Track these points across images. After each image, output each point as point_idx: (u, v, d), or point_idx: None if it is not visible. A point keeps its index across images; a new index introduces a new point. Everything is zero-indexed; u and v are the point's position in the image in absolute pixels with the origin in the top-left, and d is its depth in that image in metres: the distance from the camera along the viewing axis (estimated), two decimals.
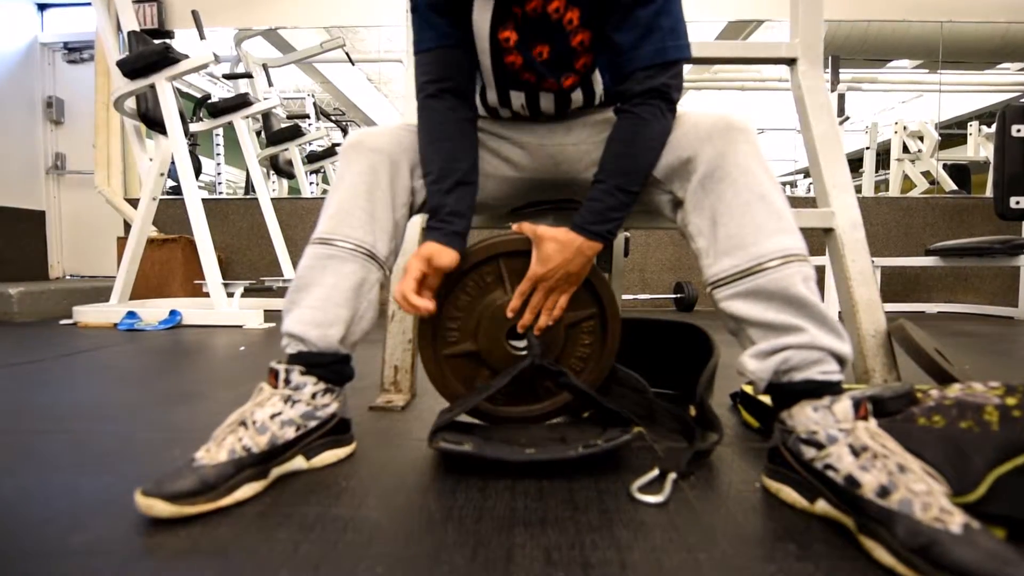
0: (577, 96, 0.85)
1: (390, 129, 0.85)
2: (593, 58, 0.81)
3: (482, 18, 0.78)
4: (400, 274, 1.15)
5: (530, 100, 0.86)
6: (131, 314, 2.40)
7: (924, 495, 0.51)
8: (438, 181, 0.81)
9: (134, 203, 2.89)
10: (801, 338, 0.66)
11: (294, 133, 3.94)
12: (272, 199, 3.34)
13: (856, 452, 0.58)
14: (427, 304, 0.77)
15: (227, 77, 3.67)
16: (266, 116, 3.88)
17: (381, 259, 0.81)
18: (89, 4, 2.56)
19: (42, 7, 3.91)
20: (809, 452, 0.62)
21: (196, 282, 2.89)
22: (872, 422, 0.61)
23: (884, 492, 0.53)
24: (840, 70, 4.04)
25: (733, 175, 0.71)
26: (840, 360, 0.67)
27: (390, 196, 0.81)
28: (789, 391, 0.67)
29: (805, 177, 5.90)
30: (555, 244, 0.77)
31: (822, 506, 0.60)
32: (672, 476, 0.69)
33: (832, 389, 0.65)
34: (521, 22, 0.78)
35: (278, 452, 0.70)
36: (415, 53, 0.84)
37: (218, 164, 4.26)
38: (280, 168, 4.23)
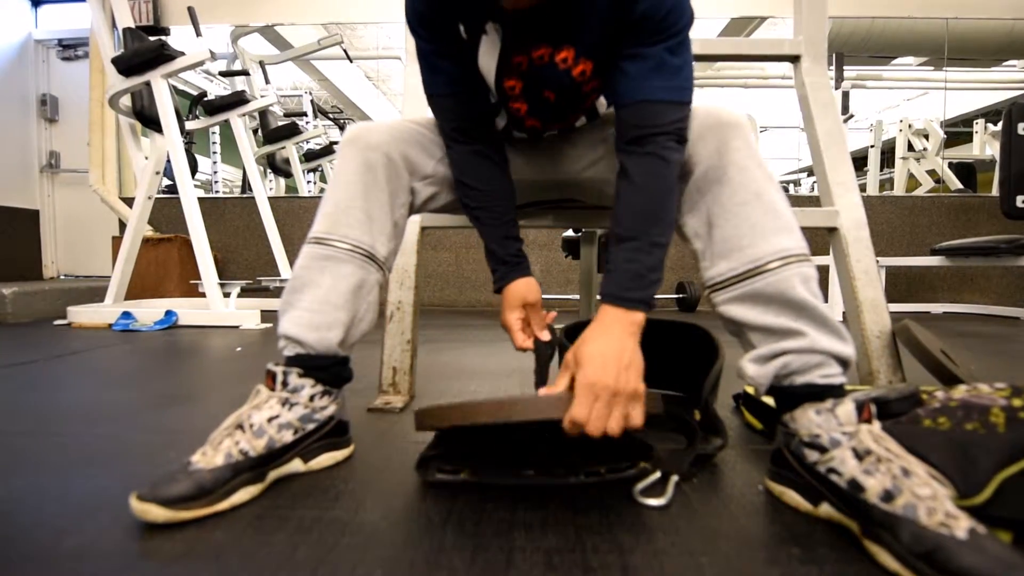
0: (581, 121, 0.86)
1: (390, 124, 0.83)
2: (599, 92, 0.80)
3: (488, 64, 0.77)
4: (401, 279, 1.16)
5: (534, 135, 0.88)
6: (126, 314, 2.40)
7: (929, 499, 0.51)
8: (494, 228, 0.83)
9: (129, 202, 2.89)
10: (801, 342, 0.65)
11: (291, 131, 3.94)
12: (269, 198, 3.35)
13: (859, 456, 0.58)
14: (529, 343, 0.83)
15: (223, 74, 3.68)
16: (263, 114, 3.89)
17: (380, 260, 0.81)
18: (84, 0, 2.56)
19: (36, 3, 3.91)
20: (812, 455, 0.62)
21: (192, 282, 2.89)
22: (876, 425, 0.61)
23: (888, 496, 0.53)
24: (844, 67, 4.04)
25: (729, 174, 0.70)
26: (842, 362, 0.67)
27: (388, 196, 0.80)
28: (791, 394, 0.67)
29: (809, 176, 5.90)
30: (592, 344, 0.62)
31: (826, 509, 0.60)
32: (674, 478, 0.69)
33: (834, 392, 0.65)
34: (527, 70, 0.76)
35: (276, 456, 0.70)
36: (427, 96, 0.83)
37: (214, 163, 4.26)
38: (277, 167, 4.24)
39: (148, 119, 2.57)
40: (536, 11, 0.68)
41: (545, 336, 0.83)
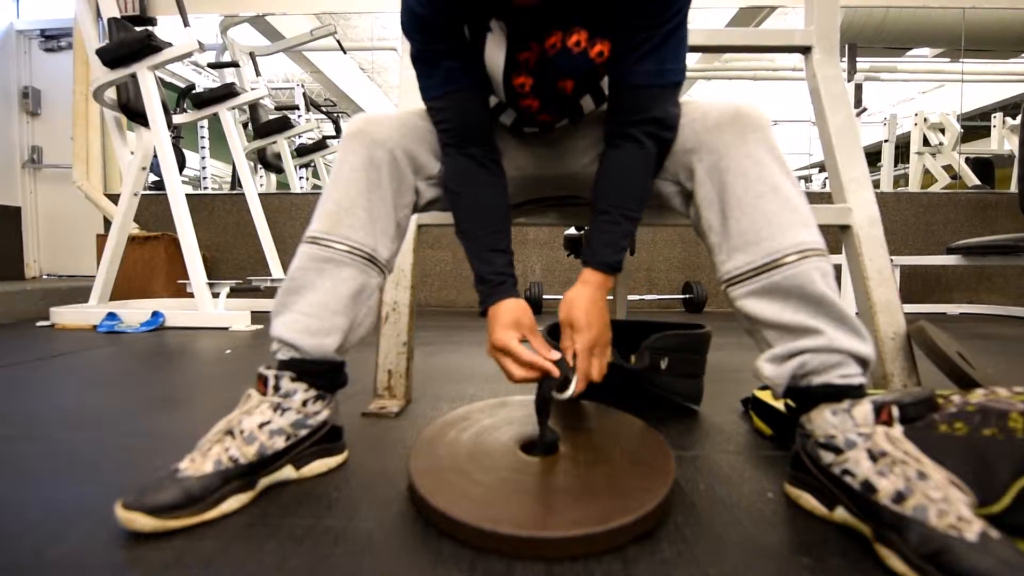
0: (587, 102, 0.85)
1: (398, 117, 0.82)
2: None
3: (495, 60, 0.75)
4: (396, 279, 1.16)
5: (545, 128, 0.87)
6: (111, 315, 2.40)
7: (940, 502, 0.52)
8: (475, 248, 0.80)
9: (114, 199, 2.89)
10: (818, 341, 0.66)
11: (283, 125, 3.95)
12: (260, 194, 3.34)
13: (874, 457, 0.58)
14: (545, 363, 0.71)
15: (212, 66, 3.68)
16: (253, 107, 3.89)
17: (382, 263, 0.80)
18: None
19: None
20: (827, 457, 0.63)
21: (180, 282, 2.89)
22: (897, 428, 0.61)
23: (899, 498, 0.54)
24: (857, 59, 4.04)
25: (744, 166, 0.70)
26: (861, 362, 0.67)
27: (391, 195, 0.80)
28: (808, 395, 0.67)
29: (820, 171, 5.91)
30: (579, 307, 0.73)
31: (841, 514, 0.61)
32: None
33: (852, 393, 0.65)
34: (537, 64, 0.75)
35: (267, 462, 0.70)
36: (424, 100, 0.81)
37: (203, 158, 4.27)
38: (268, 162, 4.24)
39: (134, 113, 2.57)
40: (543, 1, 0.68)
41: (553, 356, 0.72)
